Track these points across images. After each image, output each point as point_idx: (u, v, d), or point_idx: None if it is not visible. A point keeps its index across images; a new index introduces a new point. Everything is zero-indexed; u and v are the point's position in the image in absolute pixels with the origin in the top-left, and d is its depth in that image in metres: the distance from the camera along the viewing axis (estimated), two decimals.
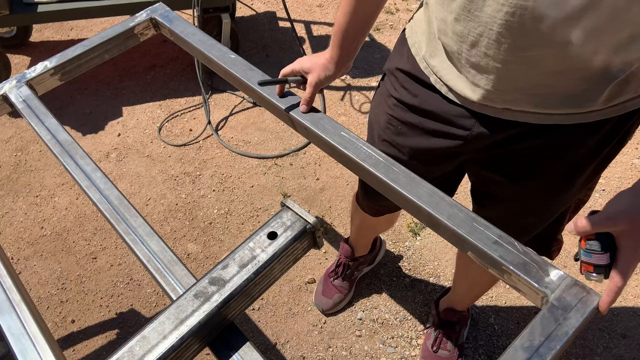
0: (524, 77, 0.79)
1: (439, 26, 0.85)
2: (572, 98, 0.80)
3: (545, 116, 0.84)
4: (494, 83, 0.82)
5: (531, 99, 0.82)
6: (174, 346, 0.62)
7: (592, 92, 0.78)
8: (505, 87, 0.82)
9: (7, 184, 2.16)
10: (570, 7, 0.67)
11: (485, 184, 1.06)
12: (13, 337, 0.69)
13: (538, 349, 0.61)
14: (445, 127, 0.95)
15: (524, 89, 0.81)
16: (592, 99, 0.79)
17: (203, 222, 1.98)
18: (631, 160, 2.11)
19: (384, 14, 2.92)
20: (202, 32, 1.11)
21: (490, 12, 0.73)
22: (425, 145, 1.01)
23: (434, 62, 0.91)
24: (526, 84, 0.80)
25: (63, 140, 0.96)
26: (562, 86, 0.79)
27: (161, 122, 2.38)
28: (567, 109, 0.82)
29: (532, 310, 1.70)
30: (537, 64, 0.76)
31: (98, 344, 1.67)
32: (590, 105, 0.80)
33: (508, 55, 0.77)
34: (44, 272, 1.86)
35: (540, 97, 0.81)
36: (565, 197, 0.98)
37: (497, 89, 0.83)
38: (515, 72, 0.79)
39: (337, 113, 2.38)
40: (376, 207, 1.30)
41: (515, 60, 0.77)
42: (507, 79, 0.80)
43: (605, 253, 0.66)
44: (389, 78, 1.05)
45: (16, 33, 2.70)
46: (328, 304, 1.68)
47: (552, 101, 0.81)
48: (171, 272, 0.75)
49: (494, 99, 0.84)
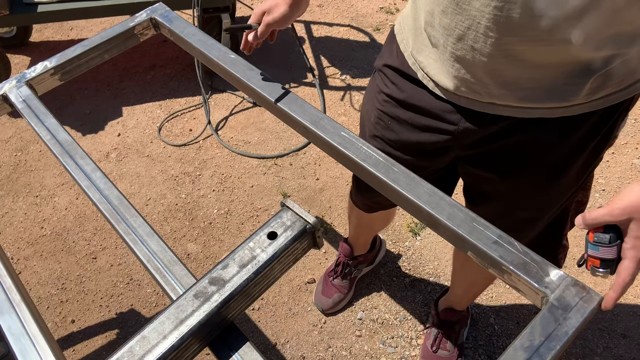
0: (509, 71, 0.80)
1: (425, 18, 0.86)
2: (556, 92, 0.81)
3: (530, 110, 0.85)
4: (480, 77, 0.83)
5: (516, 93, 0.83)
6: (174, 346, 0.62)
7: (575, 85, 0.79)
8: (490, 81, 0.83)
9: (7, 184, 2.16)
10: (570, 7, 0.67)
11: (476, 181, 1.07)
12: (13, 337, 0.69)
13: (538, 349, 0.61)
14: (434, 122, 0.96)
15: (509, 83, 0.82)
16: (574, 92, 0.80)
17: (203, 222, 1.98)
18: (631, 160, 2.11)
19: (384, 14, 2.92)
20: (202, 32, 1.11)
21: (478, 6, 0.74)
22: (414, 139, 1.02)
23: (420, 58, 0.93)
24: (511, 79, 0.81)
25: (63, 140, 0.96)
26: (547, 80, 0.80)
27: (161, 122, 2.38)
28: (551, 102, 0.82)
29: (532, 310, 1.70)
30: (523, 59, 0.77)
31: (98, 344, 1.67)
32: (573, 99, 0.81)
33: (494, 50, 0.77)
34: (44, 272, 1.86)
35: (524, 91, 0.82)
36: (556, 192, 0.98)
37: (482, 83, 0.83)
38: (501, 66, 0.79)
39: (337, 113, 2.38)
40: (369, 203, 1.31)
41: (501, 54, 0.78)
42: (493, 73, 0.81)
43: (612, 246, 0.65)
44: (379, 74, 1.07)
45: (16, 33, 2.70)
46: (328, 304, 1.68)
47: (536, 95, 0.82)
48: (171, 272, 0.75)
49: (479, 92, 0.85)
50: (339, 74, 2.57)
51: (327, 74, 2.58)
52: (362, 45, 2.73)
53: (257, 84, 0.98)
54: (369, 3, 3.00)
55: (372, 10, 2.95)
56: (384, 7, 2.96)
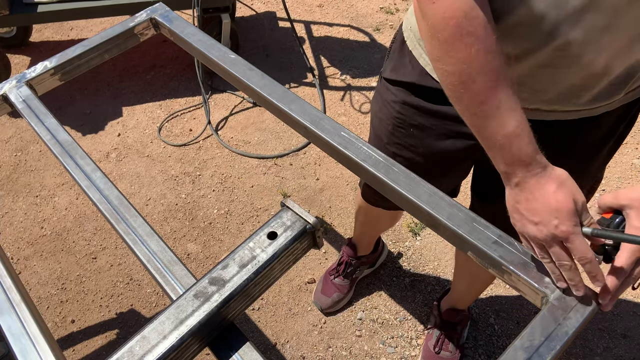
0: (568, 80, 0.78)
1: None
2: (605, 94, 0.80)
3: (575, 112, 0.84)
4: (531, 85, 0.81)
5: (567, 99, 0.81)
6: (174, 346, 0.62)
7: (622, 85, 0.79)
8: (544, 89, 0.81)
9: (7, 184, 2.16)
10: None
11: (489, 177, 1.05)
12: (13, 337, 0.69)
13: (538, 349, 0.61)
14: (458, 126, 0.94)
15: (564, 91, 0.80)
16: (619, 91, 0.79)
17: (203, 222, 1.98)
18: (631, 160, 2.11)
19: (384, 14, 2.92)
20: (202, 32, 1.11)
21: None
22: (440, 147, 0.99)
23: None
24: (568, 87, 0.79)
25: (63, 140, 0.96)
26: (603, 85, 0.79)
27: (161, 122, 2.38)
28: (598, 103, 0.82)
29: (532, 310, 1.70)
30: (586, 68, 0.75)
31: (98, 344, 1.67)
32: (616, 97, 0.81)
33: (557, 60, 0.74)
34: (44, 272, 1.86)
35: (578, 97, 0.81)
36: (580, 182, 0.98)
37: (534, 90, 0.81)
38: (559, 75, 0.77)
39: (337, 113, 2.38)
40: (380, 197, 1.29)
41: (562, 64, 0.75)
42: (548, 82, 0.79)
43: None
44: (389, 83, 1.03)
45: (16, 33, 2.70)
46: (327, 302, 1.68)
47: (587, 100, 0.81)
48: (171, 272, 0.75)
49: (527, 99, 0.83)
50: (339, 74, 2.57)
51: (327, 74, 2.58)
52: (362, 45, 2.73)
53: (257, 84, 0.98)
54: (369, 3, 3.00)
55: (372, 10, 2.95)
56: (384, 7, 2.96)
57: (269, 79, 0.98)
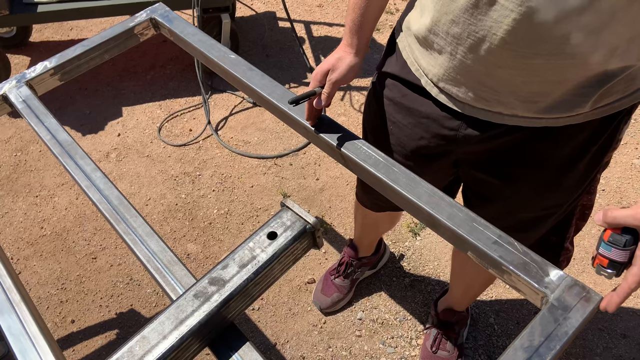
0: (524, 84, 0.79)
1: (430, 25, 0.85)
2: (565, 104, 0.80)
3: (536, 120, 0.84)
4: (491, 86, 0.82)
5: (525, 105, 0.82)
6: (174, 346, 0.62)
7: (583, 97, 0.79)
8: (502, 90, 0.82)
9: (7, 184, 2.16)
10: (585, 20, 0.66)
11: (476, 183, 1.06)
12: (13, 337, 0.69)
13: (538, 349, 0.61)
14: (434, 127, 0.96)
15: (521, 94, 0.81)
16: (581, 104, 0.80)
17: (203, 222, 1.98)
18: (631, 161, 2.11)
19: (384, 14, 2.92)
20: (202, 32, 1.11)
21: (496, 17, 0.72)
22: (414, 145, 1.02)
23: (424, 64, 0.91)
24: (525, 92, 0.80)
25: (63, 140, 0.96)
26: (559, 94, 0.79)
27: (161, 122, 2.38)
28: (558, 113, 0.82)
29: (532, 310, 1.70)
30: (539, 73, 0.76)
31: (98, 344, 1.67)
32: (579, 110, 0.81)
33: (510, 62, 0.76)
34: (44, 272, 1.86)
35: (534, 103, 0.81)
36: (558, 196, 0.98)
37: (493, 90, 0.83)
38: (516, 78, 0.78)
39: (337, 113, 2.39)
40: (375, 202, 1.31)
41: (516, 67, 0.76)
42: (505, 83, 0.80)
43: (626, 250, 0.63)
44: (380, 79, 1.06)
45: (16, 33, 2.70)
46: (326, 302, 1.68)
47: (545, 107, 0.82)
48: (171, 272, 0.75)
49: (488, 99, 0.84)
50: None
51: None
52: None
53: (257, 84, 0.98)
54: None
55: None
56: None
57: (269, 79, 0.98)
